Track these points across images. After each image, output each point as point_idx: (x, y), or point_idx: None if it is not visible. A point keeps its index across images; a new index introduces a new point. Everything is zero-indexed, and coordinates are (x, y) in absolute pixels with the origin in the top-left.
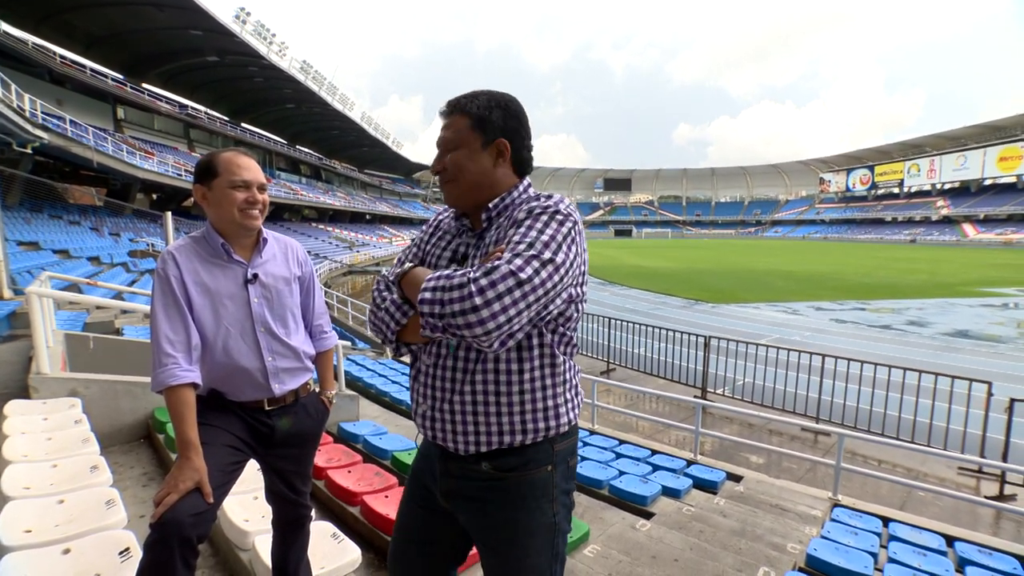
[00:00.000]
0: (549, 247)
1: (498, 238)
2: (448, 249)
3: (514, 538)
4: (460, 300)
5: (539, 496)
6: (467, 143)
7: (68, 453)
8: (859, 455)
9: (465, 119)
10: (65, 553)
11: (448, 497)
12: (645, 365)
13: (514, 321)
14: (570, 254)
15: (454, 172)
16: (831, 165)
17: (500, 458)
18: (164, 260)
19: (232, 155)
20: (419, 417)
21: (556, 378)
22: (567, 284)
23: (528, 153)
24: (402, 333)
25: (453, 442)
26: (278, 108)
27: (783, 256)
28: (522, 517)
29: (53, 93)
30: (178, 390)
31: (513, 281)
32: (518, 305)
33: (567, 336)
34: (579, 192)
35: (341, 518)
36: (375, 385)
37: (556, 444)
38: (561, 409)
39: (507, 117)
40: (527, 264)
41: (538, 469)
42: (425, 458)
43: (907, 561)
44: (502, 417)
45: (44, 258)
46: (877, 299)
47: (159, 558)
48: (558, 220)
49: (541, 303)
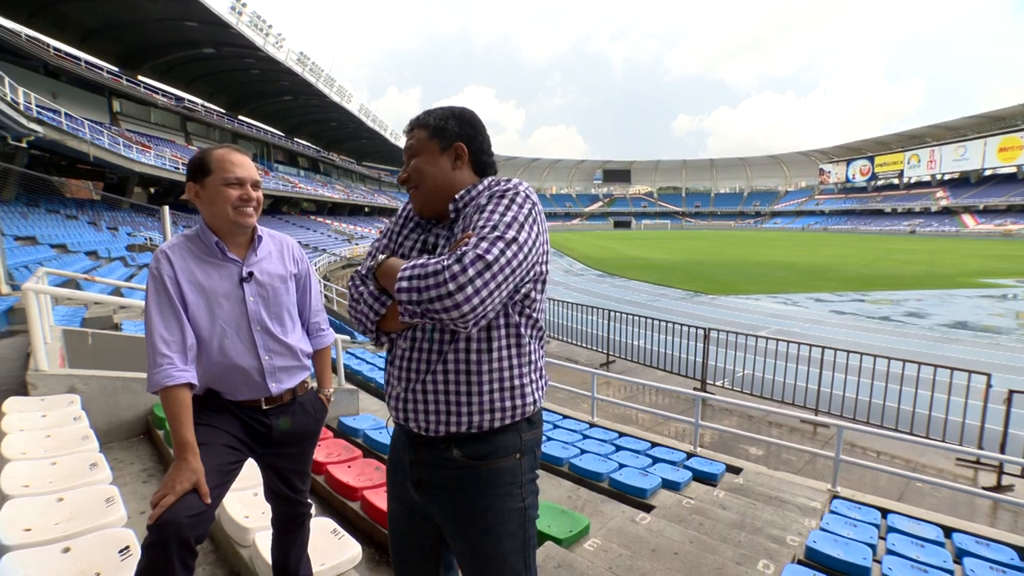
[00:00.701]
0: (512, 227)
1: (464, 226)
2: (419, 240)
3: (487, 527)
4: (436, 287)
5: (509, 483)
6: (426, 150)
7: (67, 450)
8: (858, 447)
9: (424, 130)
10: (65, 552)
11: (419, 487)
12: (645, 357)
13: (487, 302)
14: (531, 233)
15: (417, 178)
16: (831, 156)
17: (470, 444)
18: (158, 259)
19: (225, 152)
20: (392, 400)
21: (522, 358)
22: (532, 262)
23: (488, 158)
24: (381, 323)
25: (425, 422)
26: (275, 100)
27: (782, 247)
28: (494, 505)
29: (48, 86)
30: (174, 391)
31: (482, 264)
32: (489, 286)
33: (532, 318)
34: (578, 184)
35: (342, 513)
36: (375, 379)
37: (524, 433)
38: (527, 389)
39: (462, 124)
40: (492, 246)
41: (508, 457)
42: (396, 450)
43: (905, 552)
44: (472, 396)
45: (42, 253)
46: (876, 290)
47: (157, 560)
48: (518, 203)
49: (510, 282)
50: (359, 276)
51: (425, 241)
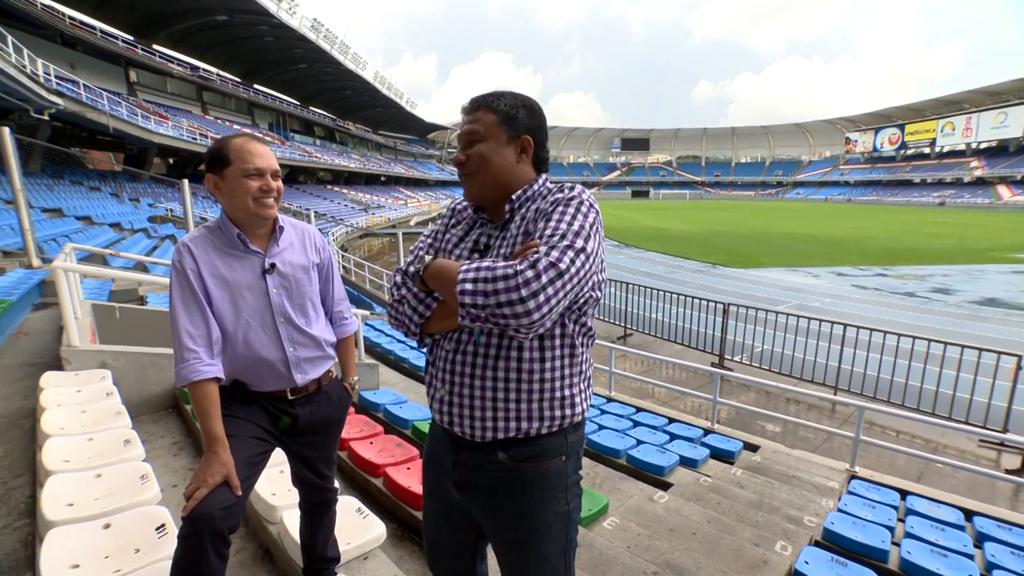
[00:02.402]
0: (580, 236)
1: (526, 230)
2: (468, 239)
3: (530, 529)
4: (507, 291)
5: (554, 486)
6: (493, 136)
7: (102, 427)
8: (877, 425)
9: (491, 115)
10: (106, 528)
11: (461, 488)
12: (662, 330)
13: (554, 309)
14: (596, 242)
15: (477, 164)
16: (858, 124)
17: (516, 447)
18: (180, 252)
19: (243, 141)
20: (436, 402)
21: (573, 368)
22: (595, 270)
23: (546, 154)
24: (425, 325)
25: (470, 428)
26: (290, 69)
27: (804, 219)
28: (539, 508)
29: (65, 56)
30: (201, 385)
31: (554, 272)
32: (559, 294)
33: (586, 325)
34: (596, 152)
35: (365, 489)
36: (394, 351)
37: (570, 435)
38: (576, 399)
39: (532, 116)
40: (563, 255)
41: (553, 460)
42: (435, 450)
43: (924, 536)
44: (521, 404)
45: (68, 225)
46: (901, 264)
47: (193, 550)
48: (583, 212)
49: (575, 291)
50: (402, 275)
51: (476, 241)
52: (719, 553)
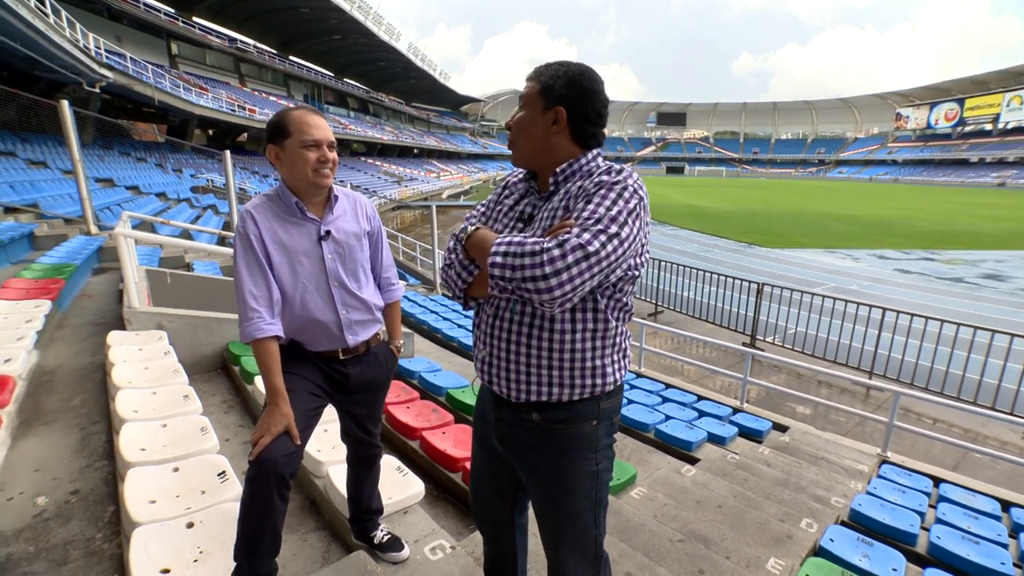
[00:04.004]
0: (616, 221)
1: (567, 205)
2: (515, 209)
3: (562, 484)
4: (532, 267)
5: (584, 447)
6: (532, 104)
7: (163, 382)
8: (913, 412)
9: (535, 84)
10: (175, 471)
11: (503, 442)
12: (693, 309)
13: (578, 289)
14: (634, 228)
15: (516, 131)
16: (911, 99)
17: (548, 410)
18: (244, 219)
19: (302, 113)
20: (478, 362)
21: (605, 341)
22: (629, 255)
23: (592, 127)
24: (469, 289)
25: (507, 388)
26: (325, 40)
27: (846, 199)
28: (568, 465)
29: (112, 30)
30: (264, 342)
31: (581, 253)
32: (584, 275)
33: (622, 302)
34: (630, 127)
35: (402, 451)
36: (427, 321)
37: (602, 402)
38: (608, 369)
39: (570, 86)
40: (595, 238)
41: (584, 423)
42: (483, 404)
43: (956, 523)
44: (552, 372)
45: (119, 195)
46: (950, 249)
47: (259, 491)
48: (625, 197)
49: (604, 273)
50: (455, 240)
51: (522, 211)
52: (744, 526)
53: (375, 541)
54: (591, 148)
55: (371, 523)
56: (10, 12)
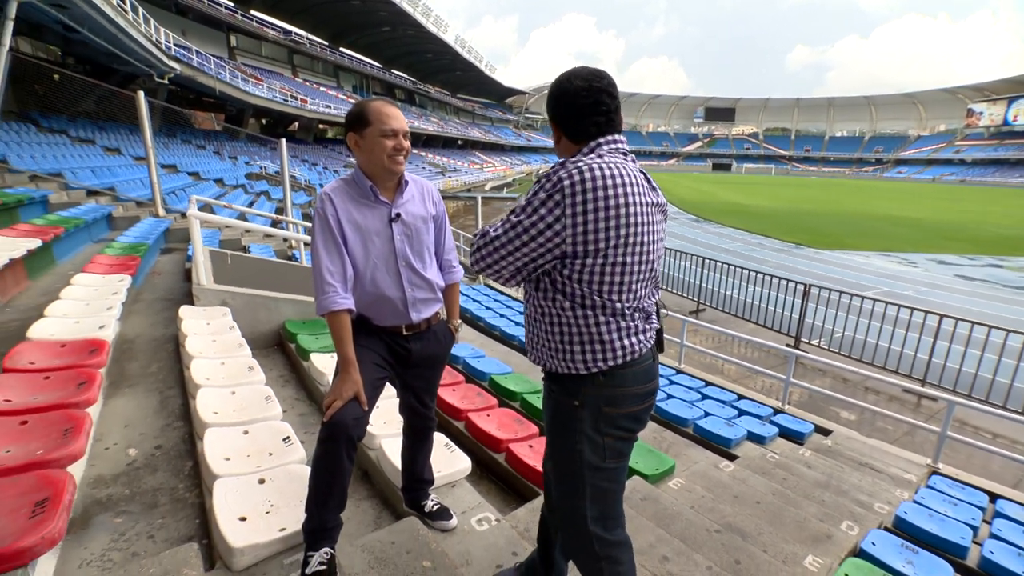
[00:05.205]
0: (524, 211)
1: None
2: None
3: (552, 444)
4: (472, 251)
5: (565, 422)
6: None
7: (230, 354)
8: (969, 425)
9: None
10: (245, 434)
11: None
12: (736, 308)
13: (494, 267)
14: (534, 217)
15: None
16: (986, 93)
17: (549, 378)
18: (323, 200)
19: (381, 104)
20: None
21: (571, 328)
22: (545, 241)
23: (577, 123)
24: None
25: (531, 354)
26: (374, 32)
27: (905, 200)
28: (556, 428)
29: (178, 24)
30: (338, 315)
31: (484, 239)
32: (492, 256)
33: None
34: (677, 122)
35: (448, 430)
36: (469, 310)
37: (584, 387)
38: (577, 356)
39: (554, 104)
40: (499, 225)
41: (565, 398)
42: None
43: (1013, 540)
44: (540, 345)
45: (183, 180)
46: (1021, 256)
47: (330, 450)
48: (546, 187)
49: (517, 256)
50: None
51: None
52: (782, 522)
53: (426, 510)
54: (584, 142)
55: (422, 492)
56: (98, 11)
